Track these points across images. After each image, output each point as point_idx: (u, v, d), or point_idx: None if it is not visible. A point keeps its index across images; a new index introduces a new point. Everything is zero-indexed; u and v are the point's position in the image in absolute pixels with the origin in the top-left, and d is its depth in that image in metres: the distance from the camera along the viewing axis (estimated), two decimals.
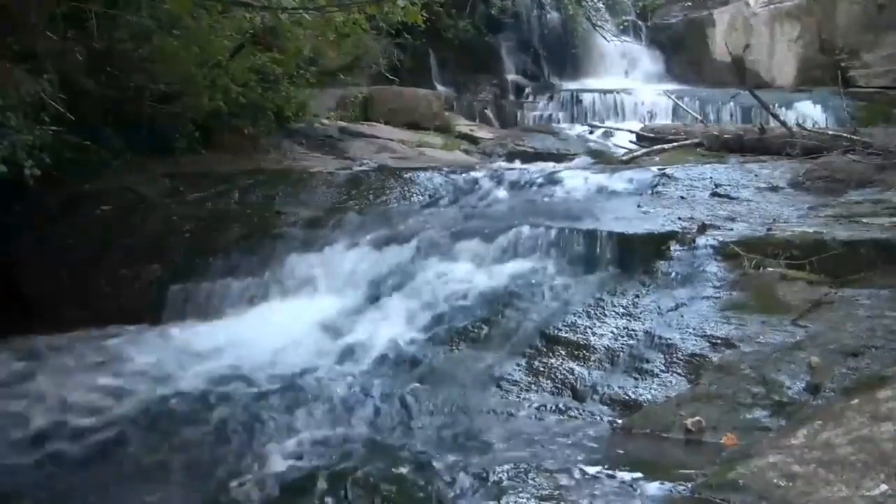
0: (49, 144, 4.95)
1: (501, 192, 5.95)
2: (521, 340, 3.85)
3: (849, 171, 5.72)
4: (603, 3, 12.91)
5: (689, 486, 2.34)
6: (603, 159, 7.83)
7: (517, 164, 7.48)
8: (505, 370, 3.62)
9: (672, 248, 4.37)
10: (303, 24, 6.85)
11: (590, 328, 3.83)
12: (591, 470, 2.64)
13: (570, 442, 3.00)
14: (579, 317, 3.92)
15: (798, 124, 7.57)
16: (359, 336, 4.22)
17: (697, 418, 2.93)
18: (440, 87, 11.12)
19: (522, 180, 6.14)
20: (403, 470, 2.81)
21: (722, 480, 2.17)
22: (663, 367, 3.44)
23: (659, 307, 3.89)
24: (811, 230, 4.38)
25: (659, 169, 6.18)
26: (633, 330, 3.75)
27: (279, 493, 2.81)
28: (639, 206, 5.31)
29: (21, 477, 3.02)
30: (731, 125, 9.04)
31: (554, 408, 3.36)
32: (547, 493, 2.49)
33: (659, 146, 7.97)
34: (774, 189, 5.61)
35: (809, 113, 9.34)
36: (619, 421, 3.19)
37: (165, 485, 2.92)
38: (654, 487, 2.44)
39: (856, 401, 2.57)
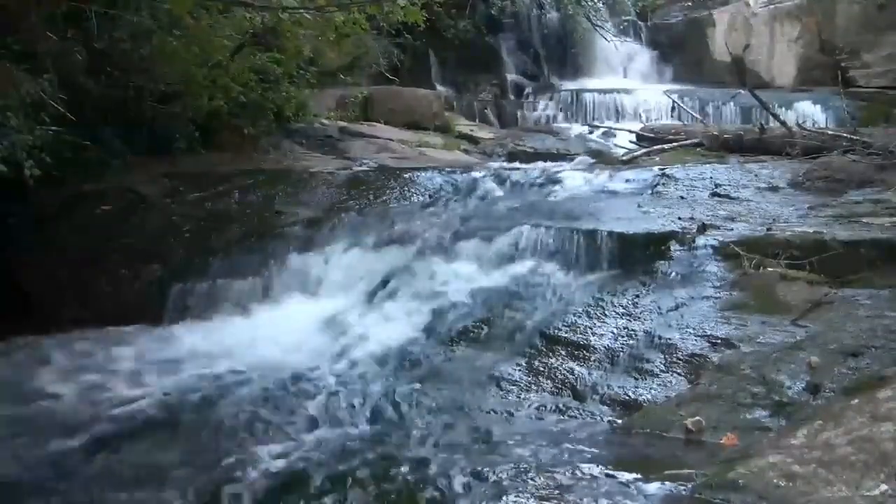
0: (49, 144, 4.95)
1: (501, 192, 5.95)
2: (521, 340, 3.85)
3: (849, 171, 5.72)
4: (603, 3, 12.91)
5: (689, 486, 2.33)
6: (603, 159, 7.82)
7: (517, 164, 7.47)
8: (505, 370, 3.62)
9: (672, 248, 4.37)
10: (303, 24, 6.85)
11: (590, 328, 3.83)
12: (591, 470, 2.64)
13: (570, 442, 2.99)
14: (579, 317, 3.92)
15: (798, 124, 7.57)
16: (359, 336, 4.23)
17: (697, 418, 2.92)
18: (440, 87, 11.12)
19: (522, 180, 6.14)
20: (403, 470, 2.81)
21: (722, 480, 2.17)
22: (663, 367, 3.44)
23: (659, 307, 3.89)
24: (811, 230, 4.38)
25: (659, 169, 6.18)
26: (633, 330, 3.75)
27: (279, 493, 2.81)
28: (639, 206, 5.31)
29: (20, 476, 3.02)
30: (731, 125, 9.04)
31: (554, 408, 3.36)
32: (547, 493, 2.49)
33: (659, 146, 7.97)
34: (774, 189, 5.61)
35: (809, 113, 9.33)
36: (619, 421, 3.19)
37: (165, 484, 2.92)
38: (654, 487, 2.44)
39: (856, 401, 2.56)
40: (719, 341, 3.49)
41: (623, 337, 3.71)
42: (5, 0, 5.03)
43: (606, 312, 3.93)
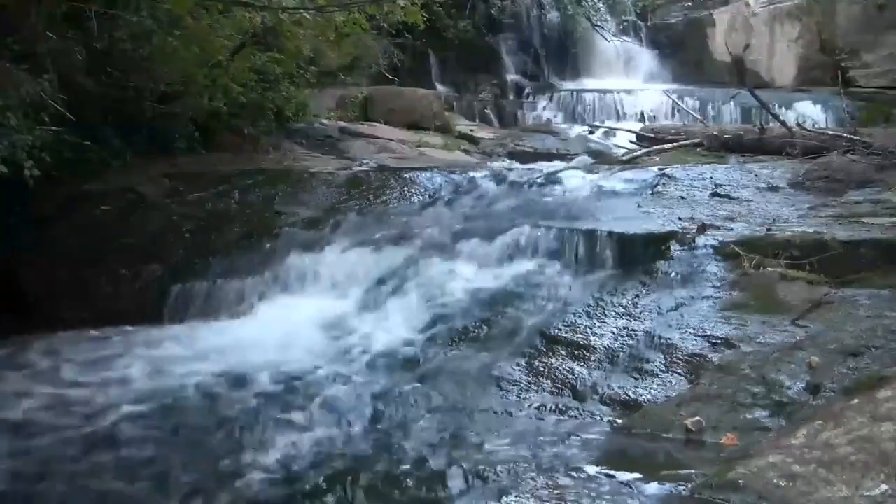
0: (49, 144, 4.95)
1: (501, 192, 5.94)
2: (521, 340, 3.85)
3: (849, 171, 5.71)
4: (603, 3, 12.92)
5: (689, 486, 2.34)
6: (603, 159, 7.82)
7: (517, 164, 7.48)
8: (505, 370, 3.62)
9: (672, 248, 4.37)
10: (303, 24, 6.86)
11: (590, 328, 3.82)
12: (591, 470, 2.64)
13: (570, 442, 3.00)
14: (579, 317, 3.92)
15: (798, 124, 7.56)
16: (359, 336, 4.23)
17: (697, 418, 2.93)
18: (440, 87, 11.14)
19: (522, 180, 6.13)
20: (403, 470, 2.82)
21: (722, 480, 2.17)
22: (663, 367, 3.43)
23: (659, 307, 3.89)
24: (811, 230, 4.38)
25: (659, 169, 6.17)
26: (633, 330, 3.75)
27: (279, 494, 2.81)
28: (639, 206, 5.30)
29: (20, 476, 3.02)
30: (731, 125, 9.05)
31: (554, 408, 3.36)
32: (547, 493, 2.49)
33: (659, 146, 7.96)
34: (774, 189, 5.60)
35: (809, 113, 9.34)
36: (619, 421, 3.19)
37: (165, 484, 2.92)
38: (654, 487, 2.45)
39: (856, 401, 2.57)
40: (719, 341, 3.49)
41: (623, 337, 3.71)
42: (5, 0, 5.03)
43: (606, 312, 3.93)
